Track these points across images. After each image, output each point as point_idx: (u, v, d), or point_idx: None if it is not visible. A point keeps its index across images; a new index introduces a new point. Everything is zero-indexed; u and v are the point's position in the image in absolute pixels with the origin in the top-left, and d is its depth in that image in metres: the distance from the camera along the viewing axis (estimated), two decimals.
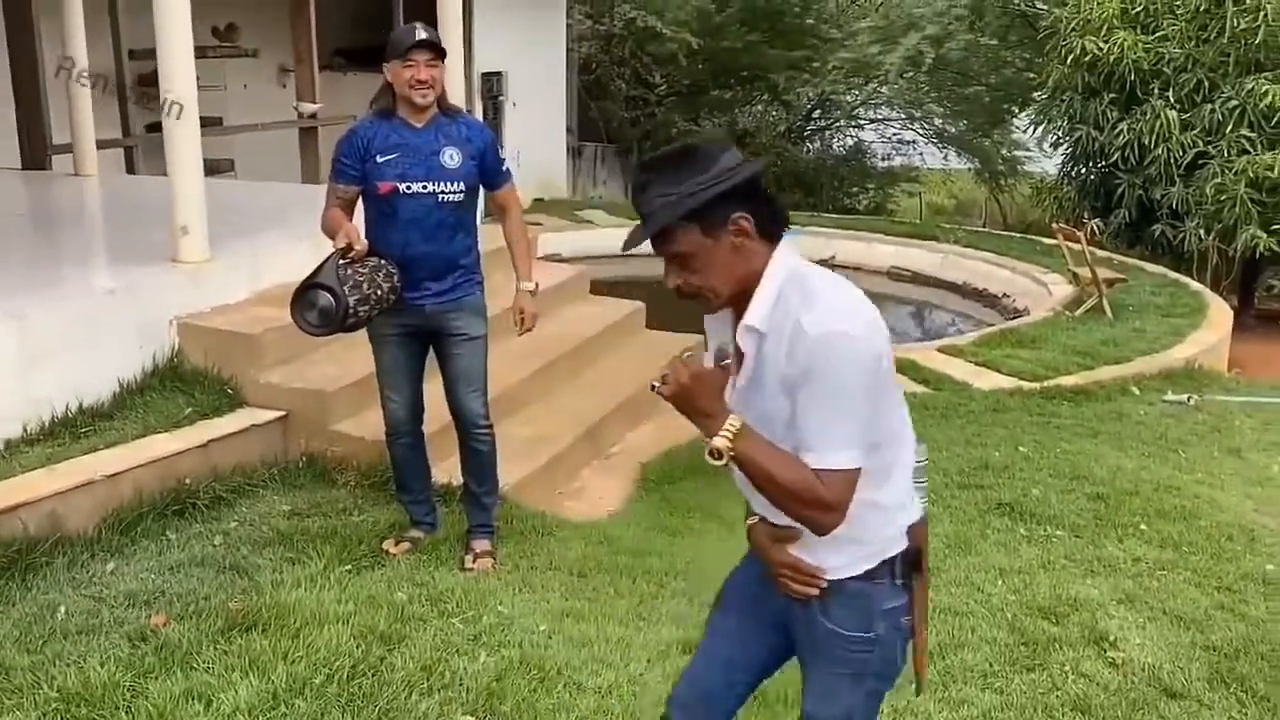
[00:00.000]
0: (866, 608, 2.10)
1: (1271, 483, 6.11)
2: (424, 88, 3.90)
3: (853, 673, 2.15)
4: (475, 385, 4.21)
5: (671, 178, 1.99)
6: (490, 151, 4.11)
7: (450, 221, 4.04)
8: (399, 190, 3.93)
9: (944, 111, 22.78)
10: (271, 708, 3.01)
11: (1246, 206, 10.69)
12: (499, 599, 3.84)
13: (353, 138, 3.97)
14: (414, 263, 4.00)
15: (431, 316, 4.09)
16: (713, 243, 1.99)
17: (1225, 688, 3.57)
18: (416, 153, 3.95)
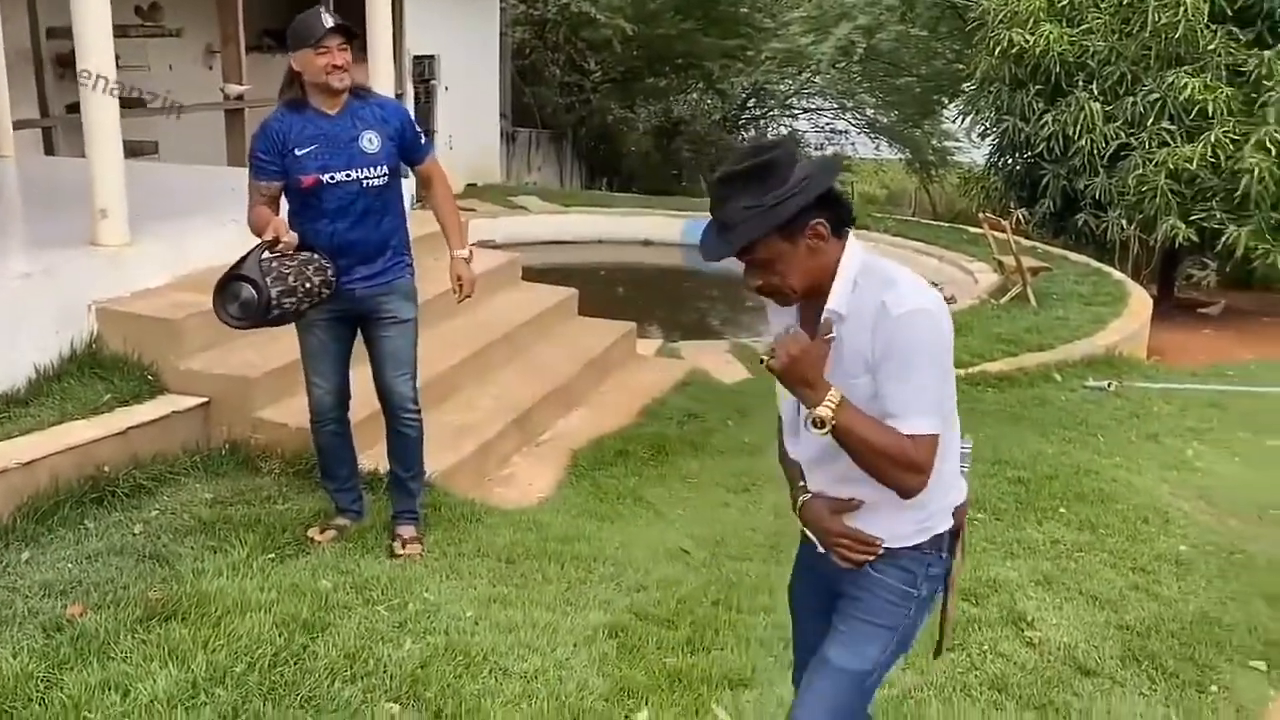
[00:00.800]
0: (914, 570, 2.25)
1: (1187, 466, 6.28)
2: (340, 73, 3.83)
3: (888, 625, 2.26)
4: (404, 368, 4.18)
5: (755, 190, 2.08)
6: (408, 127, 4.07)
7: (377, 206, 4.00)
8: (322, 182, 3.88)
9: (876, 102, 23.07)
10: (191, 697, 2.96)
11: (1166, 197, 10.94)
12: (425, 586, 3.82)
13: (267, 133, 3.90)
14: (343, 250, 3.95)
15: (361, 300, 4.05)
16: (792, 246, 2.12)
17: (1137, 665, 3.67)
18: (335, 141, 3.89)
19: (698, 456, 5.64)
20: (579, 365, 6.39)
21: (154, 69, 11.23)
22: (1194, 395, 8.09)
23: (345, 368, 4.20)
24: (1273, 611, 4.16)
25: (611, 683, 3.27)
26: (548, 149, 19.40)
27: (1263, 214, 10.75)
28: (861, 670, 2.26)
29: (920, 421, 2.08)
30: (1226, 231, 10.81)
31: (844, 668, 2.25)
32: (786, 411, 2.33)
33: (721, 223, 2.13)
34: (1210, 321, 12.49)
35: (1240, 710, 3.45)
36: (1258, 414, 7.77)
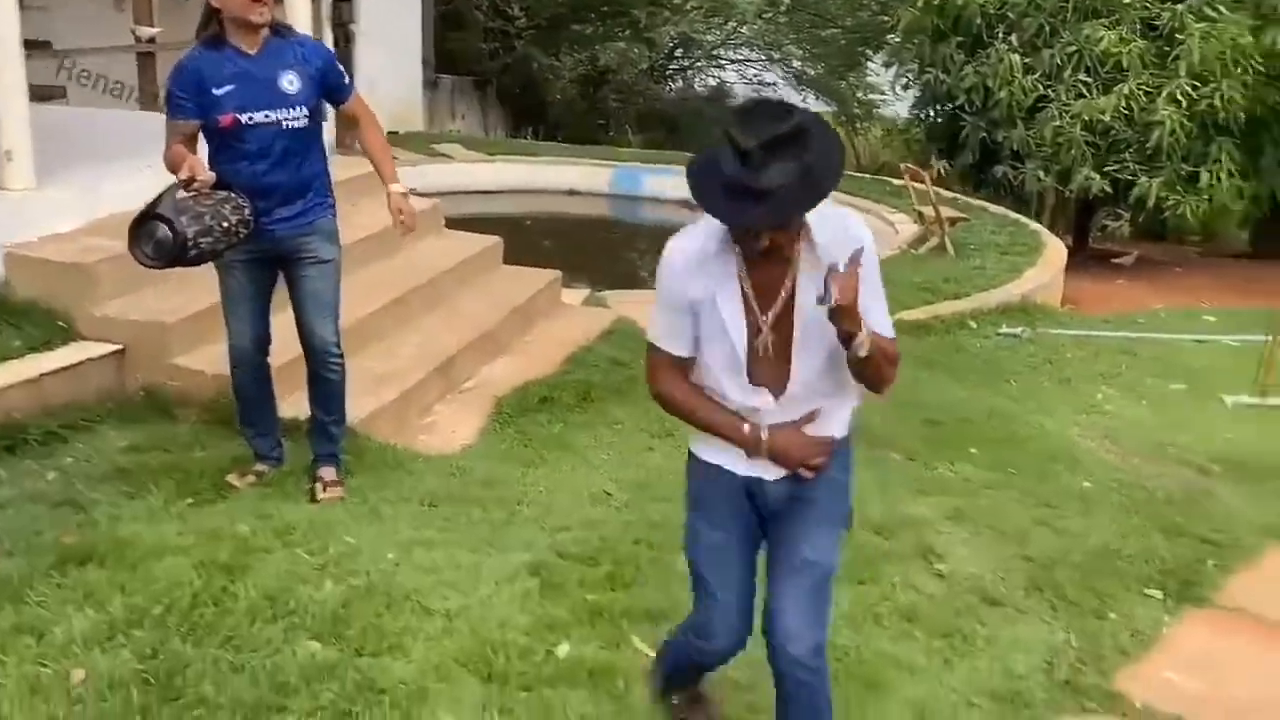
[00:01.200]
0: (846, 457, 2.53)
1: (1096, 410, 6.49)
2: (260, 6, 3.76)
3: (840, 515, 2.54)
4: (327, 310, 4.13)
5: (794, 156, 2.12)
6: (330, 70, 4.01)
7: (296, 147, 3.94)
8: (240, 122, 3.81)
9: (803, 54, 23.10)
10: (108, 638, 2.95)
11: (1082, 149, 11.19)
12: (346, 530, 3.82)
13: (184, 71, 3.81)
14: (264, 192, 3.89)
15: (282, 241, 3.99)
16: None
17: (1040, 595, 3.81)
18: (254, 81, 3.82)
19: (623, 403, 5.67)
20: (503, 313, 6.37)
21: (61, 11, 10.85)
22: (1105, 342, 8.33)
23: (265, 312, 4.14)
24: (1169, 543, 4.34)
25: (533, 619, 3.32)
26: (471, 97, 19.16)
27: (1173, 165, 11.06)
28: (835, 565, 2.51)
29: (889, 325, 2.34)
30: (1139, 183, 11.09)
31: (821, 562, 2.46)
32: (724, 355, 2.39)
33: (762, 190, 2.12)
34: (1124, 271, 12.83)
35: (1135, 635, 3.61)
36: (1164, 360, 8.04)
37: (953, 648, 3.42)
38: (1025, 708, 3.17)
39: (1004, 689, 3.24)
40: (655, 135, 20.64)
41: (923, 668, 3.30)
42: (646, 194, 13.18)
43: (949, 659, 3.36)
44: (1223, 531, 4.50)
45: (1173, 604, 3.86)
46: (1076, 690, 3.27)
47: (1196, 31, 10.80)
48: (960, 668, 3.33)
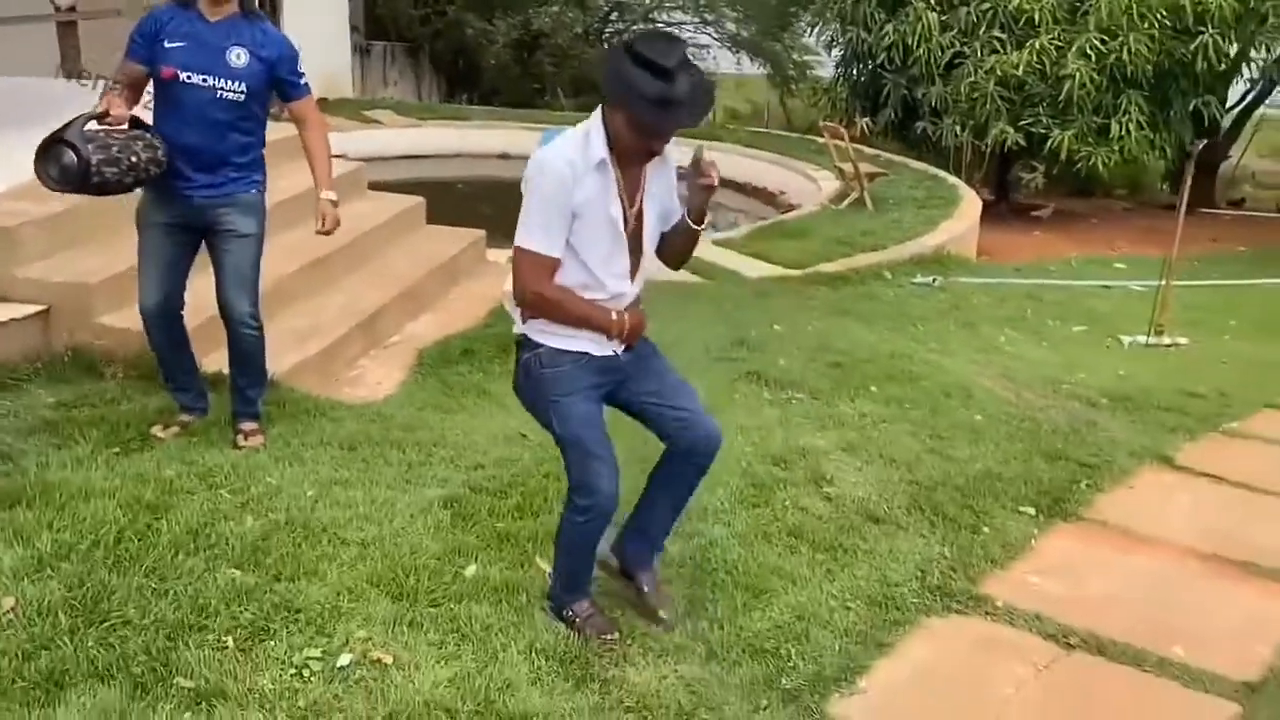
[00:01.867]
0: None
1: (997, 350, 6.81)
2: None
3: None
4: (244, 282, 4.26)
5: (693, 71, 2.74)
6: (285, 64, 4.15)
7: (225, 119, 4.07)
8: (178, 77, 3.97)
9: (736, 16, 23.23)
10: (36, 571, 3.13)
11: (996, 104, 11.53)
12: (268, 472, 4.01)
13: (149, 17, 4.01)
14: (184, 153, 4.03)
15: (201, 210, 4.12)
16: None
17: (920, 513, 4.10)
18: (203, 46, 3.98)
19: None
20: (426, 271, 6.56)
21: None
22: (1014, 289, 8.69)
23: (178, 275, 4.25)
24: (1049, 467, 4.65)
25: (444, 545, 3.54)
26: (404, 63, 19.13)
27: (1084, 118, 11.43)
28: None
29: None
30: (1052, 135, 11.45)
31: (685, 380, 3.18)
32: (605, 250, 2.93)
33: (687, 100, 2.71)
34: (1041, 224, 13.25)
35: (1006, 546, 3.91)
36: (1068, 304, 8.43)
37: (835, 560, 3.70)
38: (896, 610, 3.46)
39: (879, 594, 3.52)
40: (591, 99, 20.68)
41: (805, 577, 3.57)
42: None
43: (830, 570, 3.64)
44: (1099, 456, 4.82)
45: (1043, 519, 4.17)
46: (945, 594, 3.56)
47: None
48: (841, 577, 3.60)
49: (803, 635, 3.27)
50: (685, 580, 3.50)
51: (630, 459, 3.23)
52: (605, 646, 3.09)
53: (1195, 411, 5.60)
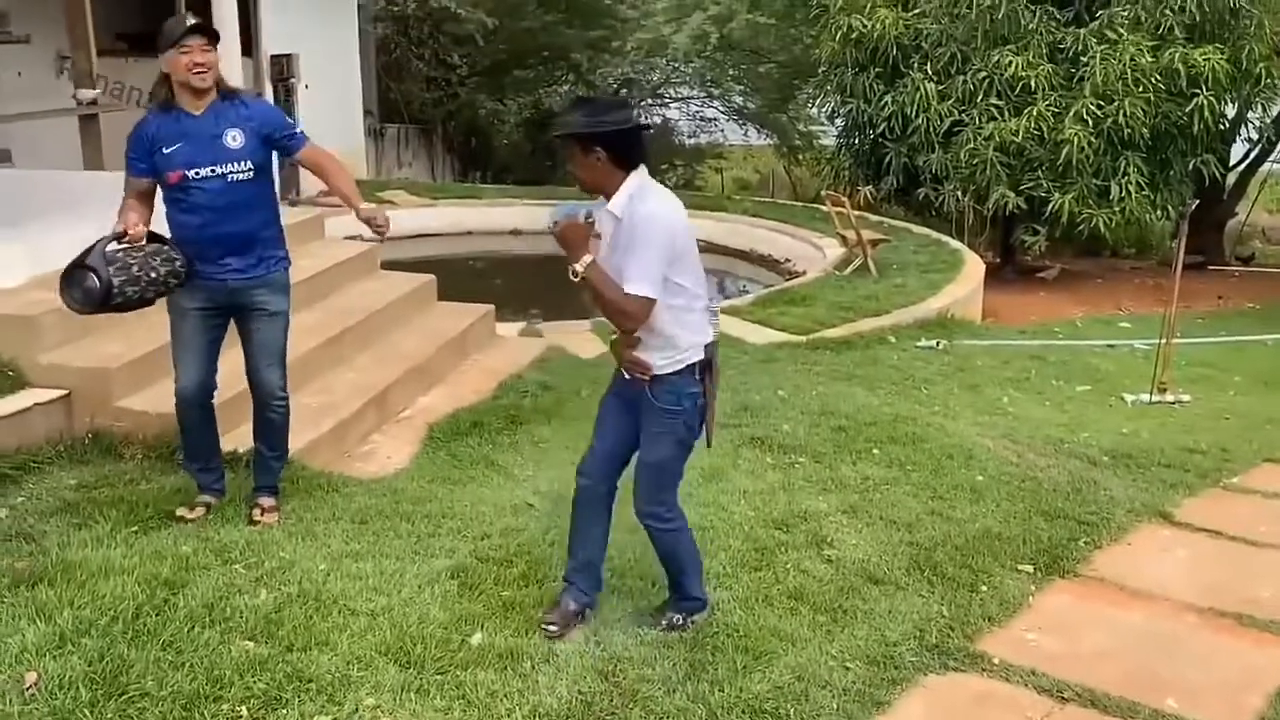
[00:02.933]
0: (678, 392, 3.44)
1: (1000, 411, 6.90)
2: (202, 70, 4.09)
3: (664, 431, 3.49)
4: (275, 359, 4.43)
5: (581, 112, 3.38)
6: (274, 124, 4.31)
7: (242, 200, 4.22)
8: (187, 177, 4.11)
9: (742, 89, 23.69)
10: (58, 647, 3.24)
11: (996, 169, 11.72)
12: (281, 547, 4.13)
13: (138, 133, 4.14)
14: (213, 243, 4.18)
15: (235, 292, 4.27)
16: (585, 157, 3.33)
17: (920, 573, 4.18)
18: (199, 139, 4.13)
19: (549, 423, 6.03)
20: (437, 346, 6.71)
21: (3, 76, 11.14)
22: (1018, 350, 8.79)
23: (212, 358, 4.40)
24: (1048, 525, 4.73)
25: (451, 614, 3.64)
26: (417, 144, 19.55)
27: (1084, 181, 11.60)
28: (659, 462, 3.53)
29: (634, 281, 3.26)
30: (1052, 199, 11.62)
31: (648, 461, 3.54)
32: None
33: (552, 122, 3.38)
34: (1047, 285, 13.37)
35: (1004, 604, 3.98)
36: (1073, 364, 8.51)
37: (834, 621, 3.78)
38: (895, 669, 3.52)
39: (878, 654, 3.59)
40: None
41: (805, 638, 3.65)
42: None
43: (830, 630, 3.72)
44: (1098, 514, 4.89)
45: (1042, 577, 4.24)
46: (943, 653, 3.63)
47: (1098, 53, 11.40)
48: (840, 638, 3.68)
49: (802, 696, 3.34)
50: (686, 644, 3.58)
51: None
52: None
53: (1195, 467, 5.67)
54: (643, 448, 3.55)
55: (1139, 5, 11.65)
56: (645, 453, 3.54)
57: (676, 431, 3.50)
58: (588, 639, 3.56)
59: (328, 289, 6.85)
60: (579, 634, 3.59)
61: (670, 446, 3.52)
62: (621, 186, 3.33)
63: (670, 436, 3.50)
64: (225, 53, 7.30)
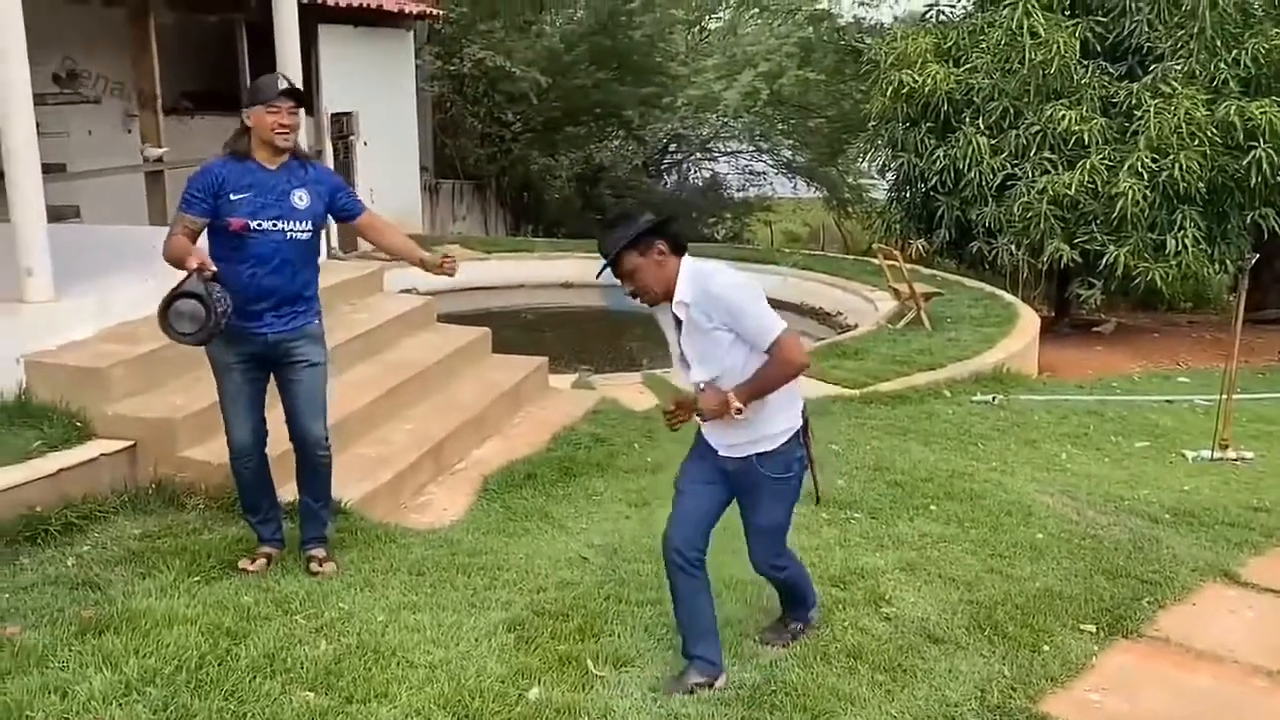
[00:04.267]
0: (786, 459, 3.58)
1: (1058, 467, 6.81)
2: (286, 131, 4.21)
3: (780, 498, 3.64)
4: (317, 409, 4.51)
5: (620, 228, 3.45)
6: (340, 192, 4.45)
7: (295, 258, 4.32)
8: (250, 227, 4.20)
9: (792, 144, 23.84)
10: (124, 695, 3.29)
11: (1050, 222, 11.66)
12: (340, 598, 4.17)
13: (207, 172, 4.22)
14: (259, 295, 4.26)
15: (274, 345, 4.36)
16: (645, 260, 3.43)
17: (980, 632, 4.11)
18: (269, 192, 4.23)
19: (603, 476, 6.04)
20: (491, 398, 6.77)
21: (73, 134, 11.50)
22: (1075, 406, 8.68)
23: (262, 408, 4.49)
24: (1110, 584, 4.64)
25: (508, 667, 3.65)
26: (471, 199, 19.86)
27: (1140, 235, 11.50)
28: (779, 524, 3.70)
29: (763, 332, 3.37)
30: (1107, 252, 11.52)
31: (769, 527, 3.68)
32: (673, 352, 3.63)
33: (603, 251, 3.45)
34: (1103, 339, 13.22)
35: (1066, 664, 3.90)
36: (1131, 420, 8.39)
37: (894, 680, 3.73)
38: None
39: (938, 714, 3.54)
40: None
41: (864, 698, 3.60)
42: None
43: (890, 690, 3.67)
44: (1161, 573, 4.80)
45: (1104, 637, 4.16)
46: (1005, 713, 3.57)
47: (1152, 107, 11.35)
48: (900, 697, 3.63)
49: None
50: (744, 702, 3.54)
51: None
52: None
53: (1261, 526, 5.55)
54: (756, 514, 3.66)
55: (1193, 59, 11.62)
56: (760, 518, 3.67)
57: (788, 496, 3.66)
58: (644, 695, 3.55)
59: (386, 342, 6.95)
60: (636, 690, 3.57)
61: (785, 510, 3.69)
62: (679, 277, 3.45)
63: (784, 502, 3.66)
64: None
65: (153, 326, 5.77)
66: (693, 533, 3.61)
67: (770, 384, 3.42)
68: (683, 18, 21.50)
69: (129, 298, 5.91)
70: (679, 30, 21.66)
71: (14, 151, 5.50)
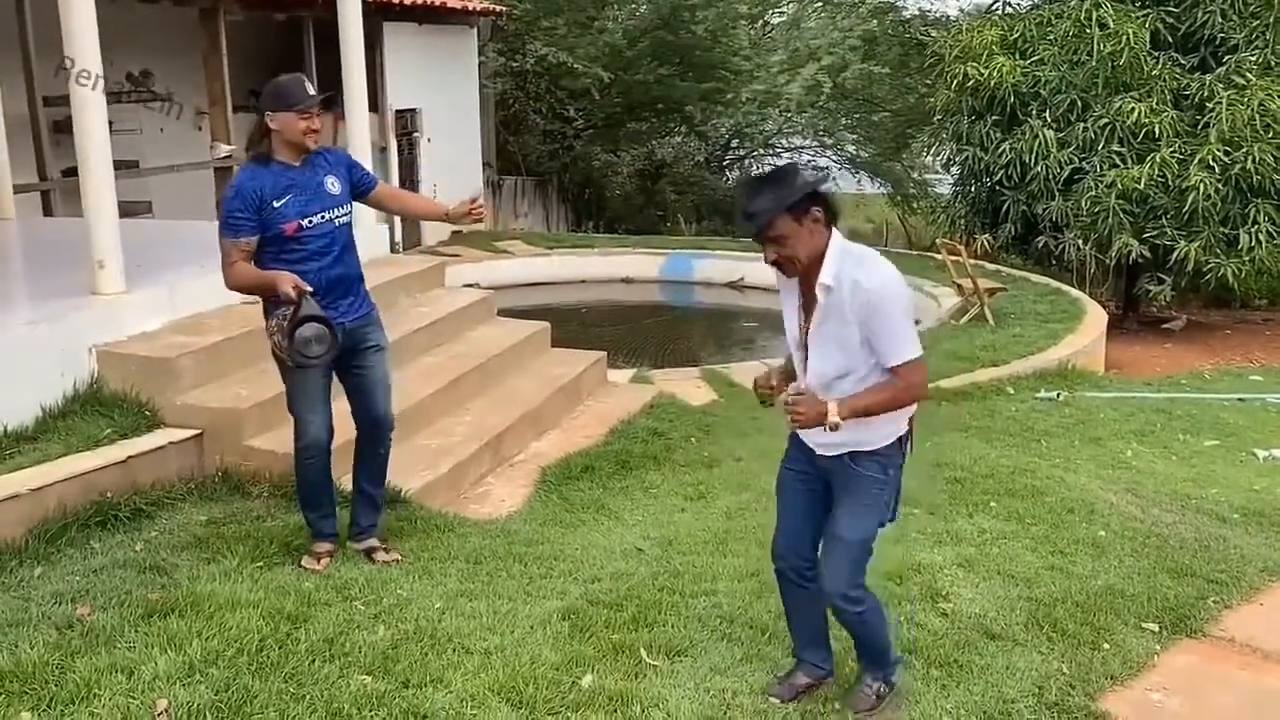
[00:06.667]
0: (885, 463, 3.25)
1: (1123, 465, 6.69)
2: (316, 136, 4.27)
3: (873, 505, 3.27)
4: (388, 393, 4.56)
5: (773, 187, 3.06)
6: (354, 167, 4.49)
7: (346, 242, 4.40)
8: (303, 226, 4.24)
9: (855, 138, 23.66)
10: (188, 675, 3.37)
11: (1119, 216, 11.45)
12: (399, 585, 4.23)
13: (241, 192, 4.16)
14: (330, 286, 4.30)
15: (350, 334, 4.37)
16: (798, 226, 3.05)
17: (1039, 629, 4.06)
18: (306, 188, 4.27)
19: (660, 470, 6.06)
20: (550, 392, 6.81)
21: (145, 132, 11.77)
22: (1143, 403, 8.51)
23: (330, 404, 4.49)
24: (1174, 583, 4.55)
25: (562, 655, 3.67)
26: (534, 195, 19.97)
27: (1211, 229, 11.24)
28: (862, 539, 3.28)
29: (899, 353, 3.06)
30: (1178, 247, 11.28)
31: (850, 539, 3.27)
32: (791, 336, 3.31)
33: (749, 211, 3.03)
34: (1172, 336, 12.94)
35: (1127, 663, 3.84)
36: (1200, 418, 8.20)
37: (949, 676, 3.69)
38: None
39: (995, 711, 3.50)
40: (712, 224, 21.24)
41: (920, 693, 3.57)
42: (697, 278, 13.69)
43: (945, 685, 3.63)
44: (1228, 572, 4.70)
45: (1167, 636, 4.08)
46: (1063, 711, 3.51)
47: (1225, 99, 11.09)
48: (955, 693, 3.59)
49: None
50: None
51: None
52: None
53: None
54: (841, 524, 3.28)
55: (1269, 50, 11.33)
56: (844, 529, 3.27)
57: (880, 505, 3.29)
58: (698, 685, 3.55)
59: (447, 335, 7.03)
60: (689, 680, 3.58)
61: (873, 521, 3.29)
62: (827, 253, 3.08)
63: (875, 511, 3.28)
64: (355, 108, 7.65)
65: (220, 318, 5.94)
66: (797, 541, 3.42)
67: (881, 405, 3.10)
68: (745, 12, 21.37)
69: (197, 290, 6.04)
70: (741, 25, 21.53)
71: (88, 149, 5.65)
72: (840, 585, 3.29)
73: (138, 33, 10.76)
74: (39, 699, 3.24)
